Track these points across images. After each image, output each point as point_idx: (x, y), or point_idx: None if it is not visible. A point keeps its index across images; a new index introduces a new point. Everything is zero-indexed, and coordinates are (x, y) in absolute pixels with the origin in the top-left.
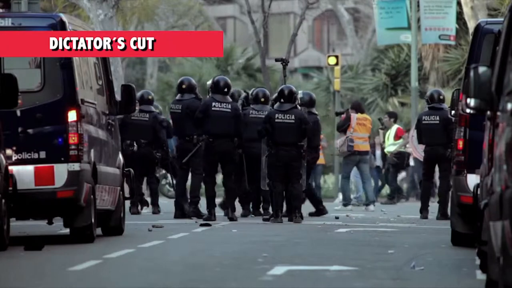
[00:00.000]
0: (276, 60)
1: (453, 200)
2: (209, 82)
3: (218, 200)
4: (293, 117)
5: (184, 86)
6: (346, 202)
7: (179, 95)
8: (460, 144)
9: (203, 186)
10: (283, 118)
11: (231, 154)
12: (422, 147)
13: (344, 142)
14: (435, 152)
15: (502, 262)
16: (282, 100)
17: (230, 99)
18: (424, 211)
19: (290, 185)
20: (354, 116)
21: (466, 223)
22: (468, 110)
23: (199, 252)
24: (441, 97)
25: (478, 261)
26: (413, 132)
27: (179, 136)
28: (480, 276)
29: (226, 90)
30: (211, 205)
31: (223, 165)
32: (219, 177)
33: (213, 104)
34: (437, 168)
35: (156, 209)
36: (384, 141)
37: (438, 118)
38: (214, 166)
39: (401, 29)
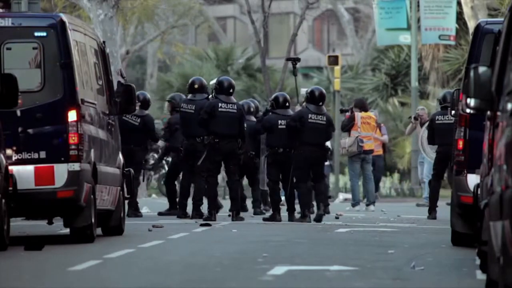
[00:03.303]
0: (287, 59)
1: (453, 200)
2: (212, 82)
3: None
4: (325, 118)
5: (196, 86)
6: (355, 202)
7: (190, 95)
8: (460, 144)
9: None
10: (316, 118)
11: (235, 154)
12: (432, 148)
13: (354, 142)
14: (448, 152)
15: (502, 262)
16: (313, 101)
17: (234, 100)
18: (433, 211)
19: (315, 184)
20: (358, 115)
21: (466, 223)
22: (468, 110)
23: (199, 252)
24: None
25: (478, 261)
26: (423, 133)
27: (187, 137)
28: (480, 276)
29: (231, 90)
30: (212, 205)
31: (227, 165)
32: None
33: (219, 105)
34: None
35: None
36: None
37: (452, 118)
38: (217, 166)
39: (401, 29)
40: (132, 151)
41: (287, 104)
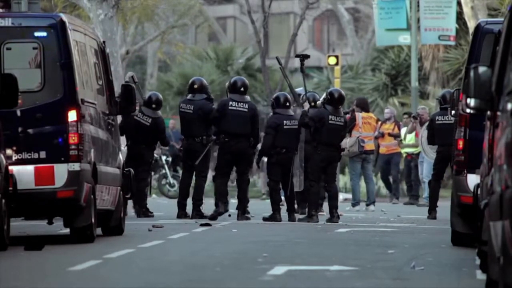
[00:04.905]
0: (296, 56)
1: (453, 200)
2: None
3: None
4: (343, 120)
5: (196, 86)
6: (356, 202)
7: (190, 95)
8: (460, 144)
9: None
10: (335, 120)
11: (246, 154)
12: (431, 148)
13: (355, 143)
14: (449, 152)
15: (502, 262)
16: (332, 103)
17: (247, 99)
18: (432, 211)
19: (328, 185)
20: (359, 115)
21: (466, 223)
22: (468, 110)
23: (199, 252)
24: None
25: (478, 261)
26: (423, 133)
27: (187, 137)
28: (480, 276)
29: (242, 89)
30: (220, 198)
31: (238, 164)
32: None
33: (230, 103)
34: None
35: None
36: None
37: (452, 118)
38: (227, 165)
39: (400, 30)
40: (142, 151)
41: (287, 104)
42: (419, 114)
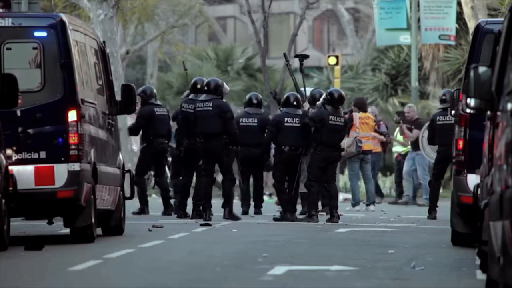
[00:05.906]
0: (295, 56)
1: (453, 200)
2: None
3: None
4: (343, 120)
5: (199, 86)
6: (356, 202)
7: (192, 95)
8: (460, 144)
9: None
10: (335, 120)
11: (218, 153)
12: (432, 148)
13: (352, 143)
14: (449, 152)
15: (502, 262)
16: (332, 103)
17: (212, 97)
18: (432, 211)
19: (328, 185)
20: (357, 115)
21: (466, 223)
22: (468, 110)
23: (199, 252)
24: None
25: (478, 261)
26: (423, 133)
27: (188, 137)
28: (480, 276)
29: (206, 88)
30: (205, 204)
31: (218, 165)
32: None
33: (197, 104)
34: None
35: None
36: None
37: (453, 118)
38: (208, 165)
39: (401, 30)
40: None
41: (295, 103)
42: (404, 112)
